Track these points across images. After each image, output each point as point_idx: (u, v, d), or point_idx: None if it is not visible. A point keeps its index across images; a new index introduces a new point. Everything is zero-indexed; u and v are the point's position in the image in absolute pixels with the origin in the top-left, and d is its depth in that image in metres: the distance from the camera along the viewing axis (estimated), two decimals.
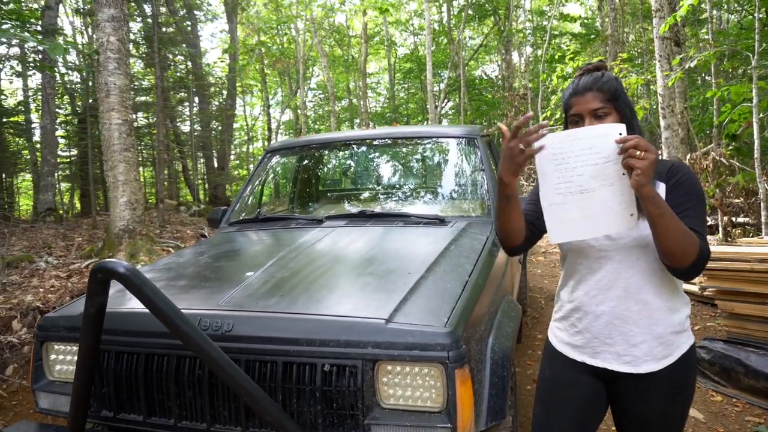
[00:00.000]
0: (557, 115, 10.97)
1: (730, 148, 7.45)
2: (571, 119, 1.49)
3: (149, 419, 1.75)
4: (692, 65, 6.07)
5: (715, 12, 14.31)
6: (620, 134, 1.29)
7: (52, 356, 1.95)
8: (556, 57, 15.05)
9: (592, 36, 16.26)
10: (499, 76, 20.98)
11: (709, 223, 8.16)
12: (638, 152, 1.23)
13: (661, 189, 1.44)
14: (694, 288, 5.05)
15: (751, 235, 7.18)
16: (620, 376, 1.51)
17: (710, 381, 3.41)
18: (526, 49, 19.65)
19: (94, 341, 1.48)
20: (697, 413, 3.07)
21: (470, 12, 17.25)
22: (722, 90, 7.55)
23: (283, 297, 1.80)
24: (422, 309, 1.67)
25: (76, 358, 1.90)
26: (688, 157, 7.60)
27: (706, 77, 11.38)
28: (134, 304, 1.85)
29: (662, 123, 7.17)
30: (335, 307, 1.71)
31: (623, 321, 1.47)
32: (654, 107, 10.97)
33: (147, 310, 1.74)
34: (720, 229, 7.46)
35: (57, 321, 1.94)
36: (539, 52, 17.55)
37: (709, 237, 7.79)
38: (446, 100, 20.65)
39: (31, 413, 3.14)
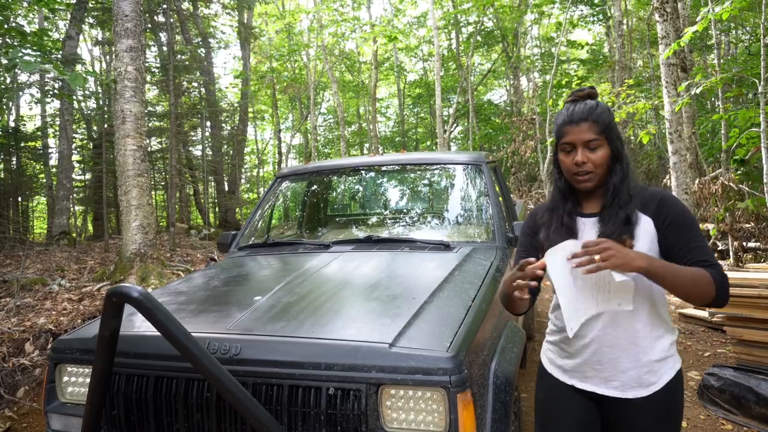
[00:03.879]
0: None
1: (739, 173, 7.44)
2: (563, 147, 1.50)
3: None
4: (698, 91, 6.11)
5: (723, 37, 14.44)
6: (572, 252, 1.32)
7: (65, 378, 1.99)
8: (563, 83, 15.19)
9: (600, 62, 16.42)
10: (508, 101, 21.16)
11: (719, 248, 8.11)
12: (597, 256, 1.27)
13: (647, 222, 1.46)
14: (704, 314, 5.01)
15: (762, 260, 7.12)
16: (609, 400, 1.52)
17: (720, 409, 3.36)
18: (534, 74, 19.86)
19: (108, 364, 1.52)
20: None
21: (479, 38, 17.51)
22: (729, 114, 7.58)
23: (289, 321, 1.84)
24: (425, 333, 1.70)
25: (88, 380, 1.95)
26: (696, 181, 7.60)
27: (716, 102, 11.44)
28: (145, 328, 1.91)
29: (670, 148, 7.19)
30: (340, 332, 1.74)
31: (611, 348, 1.48)
32: (662, 132, 11.01)
33: (157, 334, 1.80)
34: (731, 254, 7.41)
35: (71, 343, 1.99)
36: (547, 77, 17.73)
37: (720, 262, 7.74)
38: (455, 125, 20.84)
39: None
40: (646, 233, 1.45)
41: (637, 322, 1.47)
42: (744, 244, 7.53)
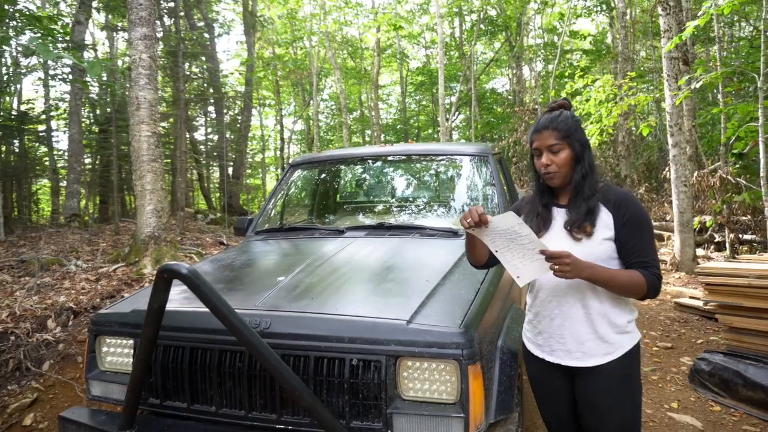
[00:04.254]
0: None
1: (737, 166, 7.58)
2: (533, 152, 1.78)
3: (192, 407, 1.95)
4: (698, 86, 6.23)
5: (727, 30, 14.47)
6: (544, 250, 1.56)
7: (104, 349, 2.16)
8: (566, 73, 15.24)
9: (603, 52, 16.45)
10: (510, 91, 21.20)
11: (716, 240, 8.28)
12: (566, 267, 1.54)
13: (608, 216, 1.69)
14: (699, 303, 5.19)
15: (758, 252, 7.29)
16: (575, 370, 1.75)
17: (710, 392, 3.54)
18: (536, 64, 19.88)
19: (154, 334, 1.68)
20: (695, 422, 3.21)
21: (482, 27, 17.52)
22: (729, 108, 7.70)
23: (313, 299, 2.00)
24: (439, 312, 1.87)
25: (126, 350, 2.12)
26: (695, 174, 7.74)
27: (718, 95, 11.53)
28: (178, 304, 2.07)
29: (670, 141, 7.32)
30: (361, 309, 1.90)
31: (572, 322, 1.72)
32: (663, 124, 11.11)
33: (193, 309, 1.97)
34: (727, 246, 7.58)
35: (109, 317, 2.15)
36: (550, 67, 17.77)
37: (716, 253, 7.90)
38: (457, 113, 20.90)
39: (67, 405, 3.35)
40: (603, 224, 1.68)
41: (593, 300, 1.70)
42: (740, 236, 7.69)
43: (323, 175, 3.97)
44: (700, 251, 7.93)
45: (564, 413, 1.85)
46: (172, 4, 11.88)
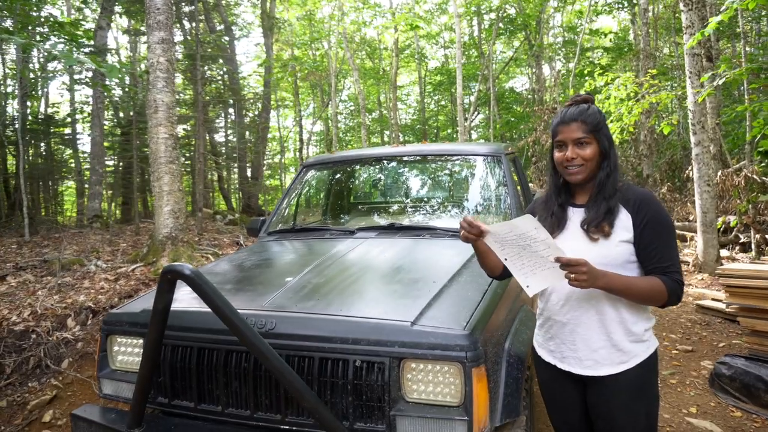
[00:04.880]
0: None
1: (763, 164, 7.38)
2: (557, 144, 1.68)
3: (199, 406, 1.97)
4: (721, 82, 6.07)
5: (754, 25, 14.10)
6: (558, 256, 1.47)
7: (115, 348, 2.20)
8: (586, 72, 15.03)
9: (624, 50, 16.18)
10: (530, 90, 20.99)
11: (741, 241, 8.08)
12: (582, 276, 1.45)
13: (627, 217, 1.61)
14: (721, 306, 5.06)
15: None
16: (587, 379, 1.68)
17: (731, 397, 3.45)
18: (556, 63, 19.65)
19: (160, 334, 1.70)
20: (715, 427, 3.13)
21: (501, 26, 17.39)
22: (755, 105, 7.49)
23: (319, 300, 2.00)
24: (444, 314, 1.85)
25: (136, 349, 2.15)
26: (719, 173, 7.56)
27: (744, 92, 11.22)
28: (187, 304, 2.09)
29: (693, 139, 7.16)
30: (366, 310, 1.90)
31: (585, 328, 1.64)
32: (687, 122, 10.86)
33: (200, 309, 1.99)
34: (753, 246, 7.38)
35: (120, 317, 2.19)
36: (570, 65, 17.55)
37: (741, 254, 7.70)
38: (476, 113, 20.78)
39: (84, 403, 3.42)
40: (622, 225, 1.60)
41: (607, 306, 1.62)
42: (766, 236, 7.48)
43: (336, 176, 3.98)
44: (724, 252, 7.74)
45: (575, 420, 1.79)
46: (192, 8, 12.06)
